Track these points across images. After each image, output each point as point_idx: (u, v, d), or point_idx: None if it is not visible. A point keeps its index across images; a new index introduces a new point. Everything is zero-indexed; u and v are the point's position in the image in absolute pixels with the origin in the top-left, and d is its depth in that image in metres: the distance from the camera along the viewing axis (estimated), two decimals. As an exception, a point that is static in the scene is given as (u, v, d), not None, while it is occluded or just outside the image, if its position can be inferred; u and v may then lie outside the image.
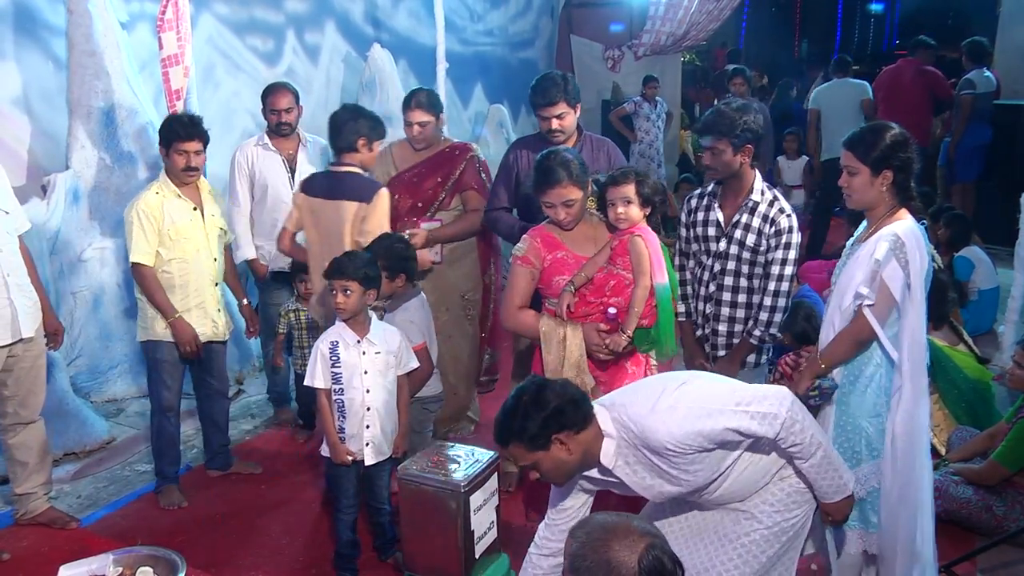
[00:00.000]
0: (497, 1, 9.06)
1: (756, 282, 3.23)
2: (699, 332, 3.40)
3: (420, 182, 4.16)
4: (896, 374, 2.69)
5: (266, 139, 4.53)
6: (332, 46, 6.85)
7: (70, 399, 4.37)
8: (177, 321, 3.72)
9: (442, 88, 6.00)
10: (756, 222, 3.18)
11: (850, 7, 16.31)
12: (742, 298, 3.26)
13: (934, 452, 4.12)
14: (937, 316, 4.31)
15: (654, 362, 3.13)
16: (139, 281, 3.72)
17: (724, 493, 2.34)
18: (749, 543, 2.37)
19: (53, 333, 3.71)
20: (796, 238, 3.17)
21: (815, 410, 2.85)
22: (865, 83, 8.07)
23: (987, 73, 7.85)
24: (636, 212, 2.95)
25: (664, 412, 2.18)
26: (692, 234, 3.38)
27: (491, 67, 8.92)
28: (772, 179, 9.94)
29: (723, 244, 3.24)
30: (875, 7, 16.41)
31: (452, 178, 4.16)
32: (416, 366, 3.26)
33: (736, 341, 3.30)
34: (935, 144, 7.95)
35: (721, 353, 3.35)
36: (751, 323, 3.25)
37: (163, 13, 4.46)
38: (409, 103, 4.12)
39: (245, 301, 4.16)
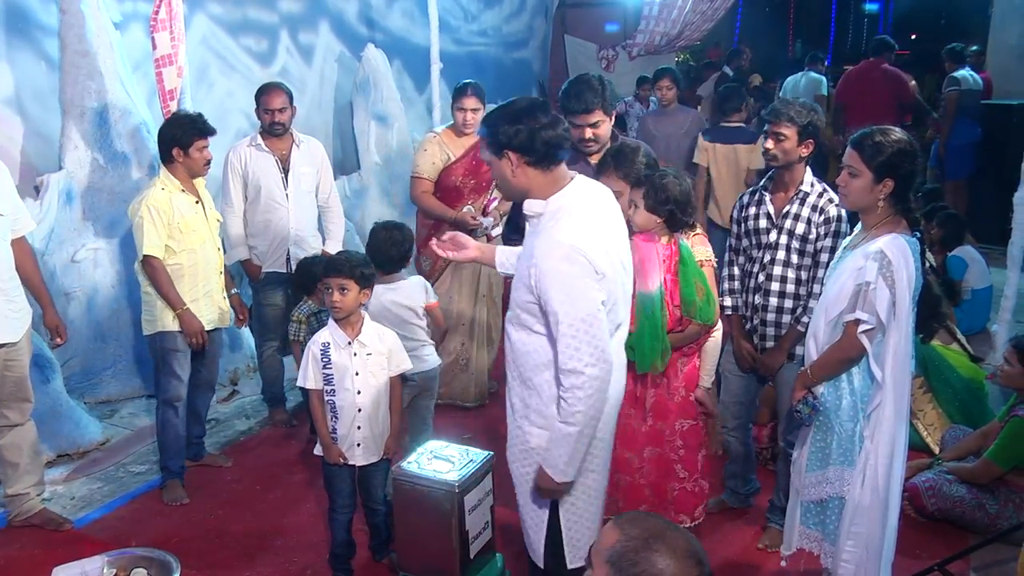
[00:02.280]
0: (491, 1, 9.06)
1: (804, 272, 3.29)
2: (748, 325, 3.44)
3: (479, 164, 4.58)
4: (877, 391, 2.68)
5: (259, 139, 4.52)
6: (326, 46, 6.85)
7: (63, 400, 4.35)
8: (185, 313, 3.78)
9: (436, 88, 6.01)
10: (806, 212, 3.25)
11: (844, 7, 16.33)
12: (790, 288, 3.31)
13: (928, 451, 4.16)
14: (927, 330, 4.32)
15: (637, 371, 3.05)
16: (150, 274, 3.77)
17: (518, 345, 2.43)
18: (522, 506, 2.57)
19: (53, 328, 3.70)
20: (845, 228, 3.22)
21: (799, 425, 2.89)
22: (822, 78, 8.98)
23: (970, 72, 7.94)
24: (642, 218, 2.93)
25: (560, 242, 2.28)
26: (743, 229, 3.45)
27: (485, 67, 8.92)
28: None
29: (773, 235, 3.32)
30: (869, 7, 16.44)
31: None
32: (409, 367, 3.25)
33: (784, 332, 3.34)
34: (924, 146, 8.01)
35: (769, 344, 3.38)
36: (800, 311, 3.28)
37: (156, 13, 4.46)
38: (465, 91, 4.65)
39: (234, 291, 4.21)
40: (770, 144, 3.26)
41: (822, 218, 3.22)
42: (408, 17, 7.74)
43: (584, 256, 2.26)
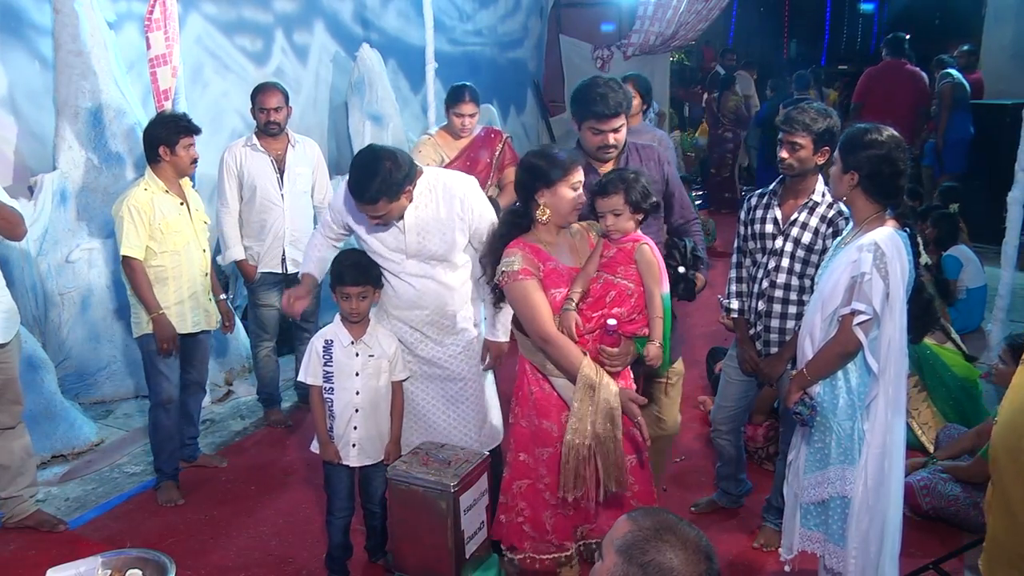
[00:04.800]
0: (486, 1, 9.06)
1: (807, 281, 3.24)
2: (752, 330, 3.41)
3: (473, 165, 4.70)
4: (872, 382, 2.70)
5: (254, 140, 4.52)
6: (321, 46, 6.84)
7: (58, 401, 4.35)
8: (160, 317, 3.75)
9: (431, 88, 6.00)
10: (814, 222, 3.20)
11: (838, 7, 16.38)
12: (794, 296, 3.26)
13: (923, 450, 4.17)
14: (918, 331, 4.33)
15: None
16: (128, 274, 3.75)
17: (431, 293, 3.14)
18: (470, 398, 3.26)
19: None
20: None
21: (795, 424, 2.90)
22: None
23: (958, 72, 8.00)
24: (627, 222, 2.76)
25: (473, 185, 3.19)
26: (749, 232, 3.39)
27: (480, 67, 8.92)
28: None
29: (779, 242, 3.26)
30: (864, 7, 16.49)
31: (496, 157, 4.82)
32: (407, 375, 3.24)
33: (788, 339, 3.29)
34: (920, 144, 8.06)
35: (773, 350, 3.35)
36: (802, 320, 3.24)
37: (151, 13, 4.45)
38: (463, 97, 4.67)
39: (222, 296, 4.20)
40: (784, 154, 3.18)
41: (830, 230, 3.17)
42: (403, 17, 7.73)
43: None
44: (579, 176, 2.80)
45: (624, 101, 3.11)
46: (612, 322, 2.71)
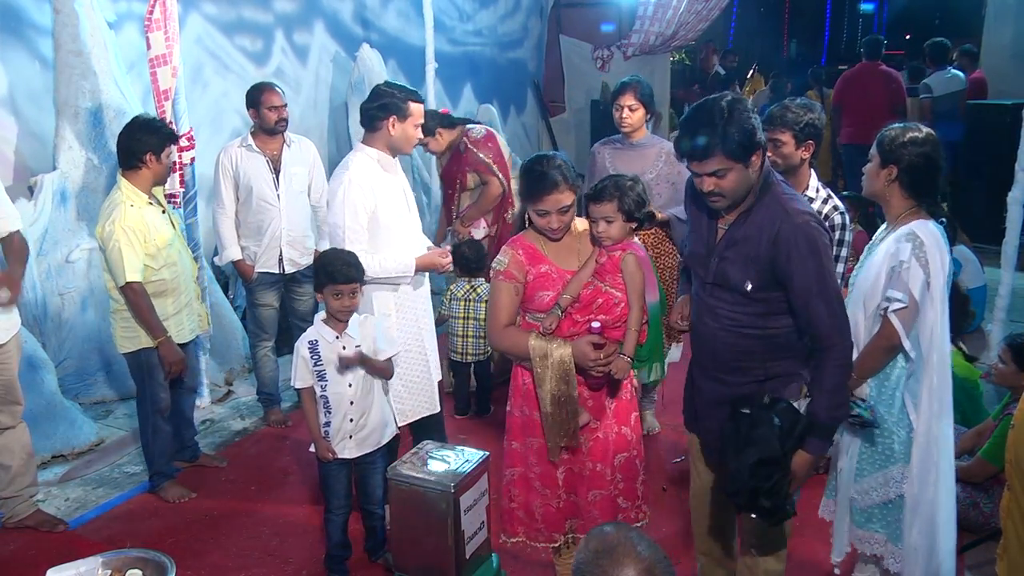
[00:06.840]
0: (486, 1, 9.06)
1: None
2: None
3: (448, 186, 5.01)
4: (913, 371, 2.68)
5: (250, 140, 4.51)
6: (321, 46, 6.84)
7: (58, 401, 4.35)
8: (166, 341, 3.71)
9: (431, 88, 6.00)
10: None
11: (838, 7, 16.38)
12: None
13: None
14: (957, 329, 4.32)
15: (642, 382, 2.90)
16: (133, 300, 3.61)
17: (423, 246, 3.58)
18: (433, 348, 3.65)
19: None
20: (848, 236, 3.18)
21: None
22: (960, 74, 8.25)
23: (951, 72, 7.97)
24: (619, 230, 2.73)
25: None
26: None
27: (480, 67, 8.92)
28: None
29: None
30: (864, 7, 16.48)
31: (462, 166, 4.91)
32: (393, 353, 3.25)
33: None
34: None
35: None
36: None
37: (151, 13, 4.44)
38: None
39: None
40: (769, 151, 3.17)
41: (826, 225, 3.16)
42: (403, 17, 7.73)
43: None
44: (547, 205, 2.69)
45: (718, 141, 2.33)
46: (596, 324, 2.71)
